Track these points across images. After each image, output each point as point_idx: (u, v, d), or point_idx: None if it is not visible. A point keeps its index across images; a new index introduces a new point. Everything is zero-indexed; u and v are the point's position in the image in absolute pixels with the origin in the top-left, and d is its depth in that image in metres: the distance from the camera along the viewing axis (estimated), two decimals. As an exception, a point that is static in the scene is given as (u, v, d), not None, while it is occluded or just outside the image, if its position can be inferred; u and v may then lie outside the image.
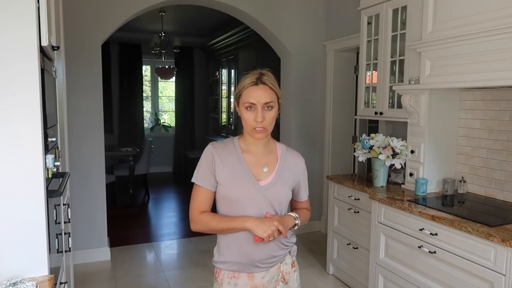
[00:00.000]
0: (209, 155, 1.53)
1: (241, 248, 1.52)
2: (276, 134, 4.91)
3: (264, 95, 1.45)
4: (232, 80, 6.80)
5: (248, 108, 1.46)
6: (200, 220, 1.51)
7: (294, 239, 1.65)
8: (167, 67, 7.33)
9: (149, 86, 8.43)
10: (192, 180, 1.55)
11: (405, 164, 2.92)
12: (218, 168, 1.51)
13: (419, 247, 2.38)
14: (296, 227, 1.56)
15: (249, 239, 1.50)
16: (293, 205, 1.71)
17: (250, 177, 1.50)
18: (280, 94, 1.52)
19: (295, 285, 1.64)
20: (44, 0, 1.44)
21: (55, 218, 1.75)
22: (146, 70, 8.32)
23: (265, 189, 1.51)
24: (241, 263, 1.53)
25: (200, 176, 1.53)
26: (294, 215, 1.56)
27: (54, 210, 1.74)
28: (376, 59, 3.26)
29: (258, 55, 5.70)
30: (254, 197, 1.49)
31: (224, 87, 7.28)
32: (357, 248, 3.10)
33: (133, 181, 6.08)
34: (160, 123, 8.44)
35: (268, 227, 1.42)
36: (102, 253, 3.80)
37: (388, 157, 2.88)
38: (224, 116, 7.39)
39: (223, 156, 1.53)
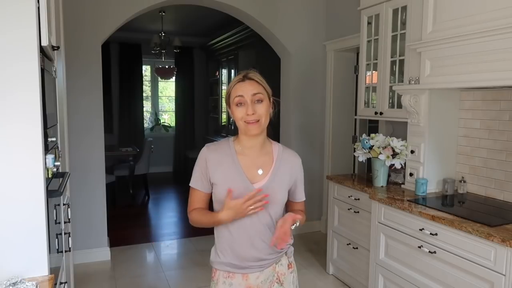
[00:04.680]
0: (202, 158, 1.54)
1: (234, 249, 1.52)
2: (276, 134, 4.92)
3: (251, 88, 1.46)
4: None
5: (238, 104, 1.46)
6: (191, 218, 1.57)
7: (290, 241, 1.64)
8: (167, 67, 7.33)
9: (149, 86, 8.43)
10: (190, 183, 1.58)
11: (405, 164, 2.92)
12: (212, 171, 1.52)
13: (419, 247, 2.38)
14: (293, 226, 1.53)
15: (242, 240, 1.51)
16: (288, 207, 1.66)
17: (243, 179, 1.50)
18: (270, 90, 1.52)
19: (291, 287, 1.62)
20: (44, 0, 1.44)
21: (55, 218, 1.75)
22: (146, 70, 8.32)
23: None
24: (235, 264, 1.53)
25: (194, 179, 1.56)
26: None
27: (54, 210, 1.74)
28: (376, 59, 3.25)
29: (258, 55, 5.70)
30: None
31: (224, 87, 7.28)
32: (357, 248, 3.10)
33: (133, 181, 6.08)
34: (160, 123, 8.44)
35: (242, 208, 1.42)
36: (102, 253, 3.80)
37: (388, 157, 2.88)
38: (224, 116, 7.40)
39: (217, 157, 1.53)
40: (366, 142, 3.03)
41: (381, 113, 3.21)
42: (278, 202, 1.55)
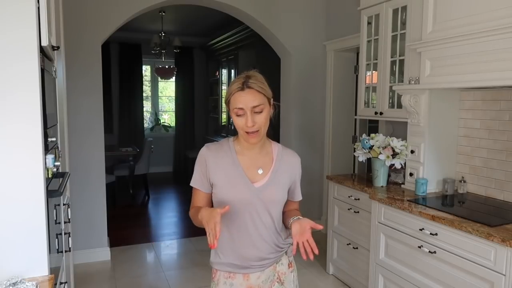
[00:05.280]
0: (202, 158, 1.54)
1: (234, 249, 1.52)
2: (276, 134, 4.92)
3: (251, 99, 1.41)
4: (232, 80, 6.80)
5: (238, 114, 1.44)
6: (190, 216, 1.55)
7: (290, 240, 1.63)
8: (167, 67, 7.33)
9: (149, 86, 8.43)
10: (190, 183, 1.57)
11: (405, 164, 2.92)
12: (211, 171, 1.51)
13: (419, 247, 2.38)
14: None
15: (243, 240, 1.50)
16: (285, 206, 1.62)
17: (244, 179, 1.49)
18: (270, 95, 1.48)
19: (292, 286, 1.62)
20: (44, 0, 1.44)
21: (55, 218, 1.75)
22: (146, 70, 8.32)
23: (259, 191, 1.49)
24: (235, 264, 1.53)
25: (194, 179, 1.55)
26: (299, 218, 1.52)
27: (54, 210, 1.74)
28: (376, 59, 3.25)
29: (258, 55, 5.70)
30: (249, 199, 1.49)
31: (224, 87, 7.28)
32: (357, 248, 3.10)
33: (133, 181, 6.08)
34: (160, 123, 8.44)
35: (208, 227, 1.30)
36: (102, 253, 3.80)
37: (388, 157, 2.88)
38: (224, 116, 7.40)
39: (217, 158, 1.52)
40: (366, 142, 3.03)
41: (381, 113, 3.21)
42: (278, 201, 1.55)
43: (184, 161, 8.03)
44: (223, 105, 7.27)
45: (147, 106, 8.36)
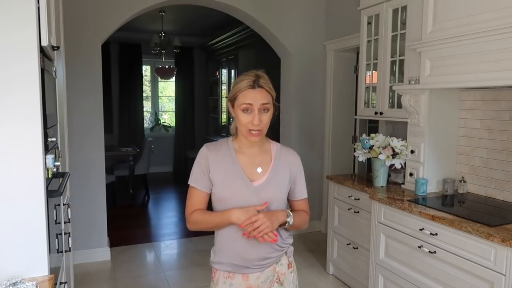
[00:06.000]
0: (203, 157, 1.54)
1: (235, 249, 1.52)
2: (276, 134, 4.92)
3: (261, 97, 1.45)
4: (232, 80, 6.81)
5: (245, 111, 1.45)
6: (192, 219, 1.54)
7: (290, 240, 1.63)
8: (167, 67, 7.33)
9: (149, 86, 8.43)
10: (188, 182, 1.56)
11: (405, 164, 2.92)
12: (212, 170, 1.52)
13: (419, 247, 2.38)
14: (287, 225, 1.52)
15: (243, 240, 1.50)
16: (290, 206, 1.66)
17: (243, 178, 1.50)
18: (275, 95, 1.52)
19: (291, 286, 1.62)
20: (44, 1, 1.44)
21: (55, 218, 1.75)
22: (146, 70, 8.32)
23: (258, 189, 1.50)
24: (235, 264, 1.53)
25: (194, 178, 1.55)
26: (287, 212, 1.53)
27: (54, 210, 1.74)
28: (376, 59, 3.25)
29: (258, 55, 5.70)
30: (248, 198, 1.49)
31: (224, 87, 7.28)
32: (357, 248, 3.10)
33: (133, 181, 6.08)
34: (160, 123, 8.44)
35: (251, 218, 1.43)
36: (102, 253, 3.80)
37: (388, 157, 2.88)
38: (224, 116, 7.41)
39: (217, 157, 1.53)
40: (366, 142, 3.03)
41: (381, 113, 3.21)
42: (278, 200, 1.55)
43: (184, 161, 8.03)
44: (223, 105, 7.30)
45: (147, 106, 8.36)
